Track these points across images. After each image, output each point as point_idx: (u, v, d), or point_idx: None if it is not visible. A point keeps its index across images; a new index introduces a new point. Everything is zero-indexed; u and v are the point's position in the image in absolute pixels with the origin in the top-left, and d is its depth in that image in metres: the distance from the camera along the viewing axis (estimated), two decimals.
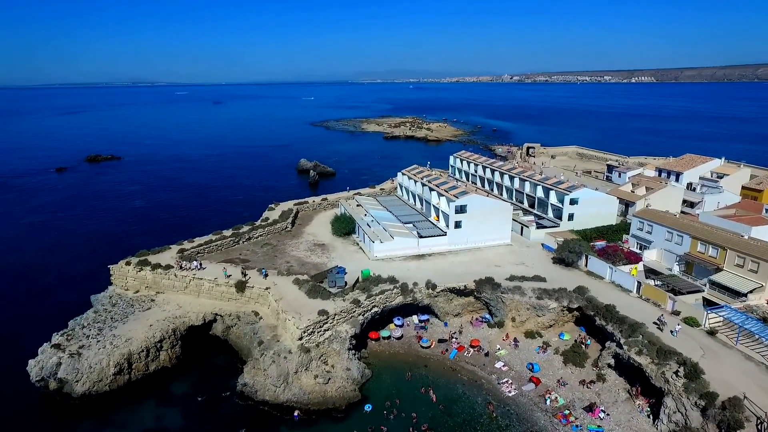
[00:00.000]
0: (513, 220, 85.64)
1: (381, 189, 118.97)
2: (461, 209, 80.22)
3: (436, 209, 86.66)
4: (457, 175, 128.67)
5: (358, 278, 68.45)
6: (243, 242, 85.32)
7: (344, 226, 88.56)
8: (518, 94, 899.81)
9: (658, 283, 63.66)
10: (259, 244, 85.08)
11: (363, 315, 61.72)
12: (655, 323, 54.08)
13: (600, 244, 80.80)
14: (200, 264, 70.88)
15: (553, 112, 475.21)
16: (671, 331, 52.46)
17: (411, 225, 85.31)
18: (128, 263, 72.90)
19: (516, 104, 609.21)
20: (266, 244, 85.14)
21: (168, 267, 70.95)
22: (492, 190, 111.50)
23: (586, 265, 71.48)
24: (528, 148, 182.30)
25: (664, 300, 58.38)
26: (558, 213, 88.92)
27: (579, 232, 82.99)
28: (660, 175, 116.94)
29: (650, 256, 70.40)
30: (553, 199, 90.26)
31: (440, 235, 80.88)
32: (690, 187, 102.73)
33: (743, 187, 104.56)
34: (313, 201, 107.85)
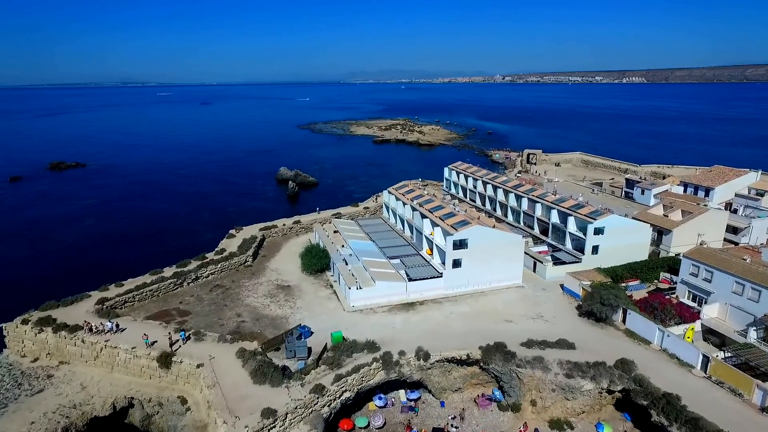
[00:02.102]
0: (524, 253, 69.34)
1: (365, 208, 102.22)
2: (461, 244, 63.52)
3: (430, 241, 69.91)
4: (453, 190, 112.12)
5: (326, 345, 51.58)
6: (188, 284, 68.20)
7: (316, 262, 71.75)
8: (511, 95, 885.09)
9: (729, 354, 47.32)
10: (208, 287, 68.01)
11: (329, 405, 44.87)
12: None
13: (633, 285, 64.87)
14: (116, 324, 53.42)
15: (547, 114, 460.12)
16: None
17: (398, 261, 68.65)
18: (26, 321, 55.53)
19: (509, 105, 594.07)
20: (217, 287, 68.08)
21: (75, 328, 53.60)
22: (495, 210, 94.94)
23: (623, 321, 55.16)
24: (528, 154, 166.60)
25: (749, 388, 41.95)
26: (579, 244, 72.37)
27: (607, 270, 66.68)
28: (686, 190, 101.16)
29: (710, 313, 53.84)
30: (572, 226, 73.75)
31: (434, 277, 64.17)
32: (729, 208, 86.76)
33: None
34: (284, 225, 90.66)
